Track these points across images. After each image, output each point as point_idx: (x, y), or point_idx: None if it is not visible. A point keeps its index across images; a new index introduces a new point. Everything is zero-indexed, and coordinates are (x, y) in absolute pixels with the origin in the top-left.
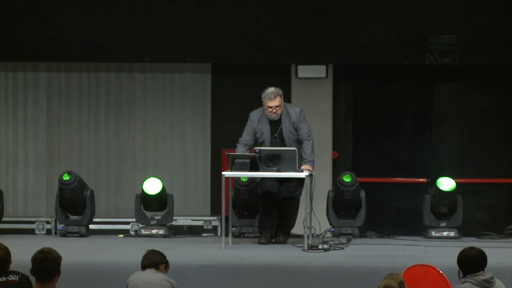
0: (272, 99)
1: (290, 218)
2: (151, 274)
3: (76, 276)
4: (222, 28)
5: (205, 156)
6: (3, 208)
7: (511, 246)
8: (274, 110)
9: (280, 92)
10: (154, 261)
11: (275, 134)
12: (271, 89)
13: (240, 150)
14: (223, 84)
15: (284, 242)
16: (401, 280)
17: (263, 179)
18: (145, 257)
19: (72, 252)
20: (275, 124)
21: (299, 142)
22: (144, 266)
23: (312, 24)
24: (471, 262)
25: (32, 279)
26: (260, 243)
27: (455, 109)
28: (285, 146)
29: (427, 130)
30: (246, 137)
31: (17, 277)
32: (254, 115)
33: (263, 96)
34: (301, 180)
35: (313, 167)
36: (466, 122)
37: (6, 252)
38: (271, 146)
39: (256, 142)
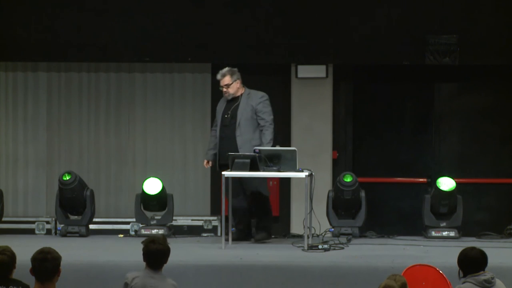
0: (220, 78)
1: (265, 217)
2: (158, 282)
3: (76, 276)
4: (222, 28)
5: None
6: (3, 208)
7: (511, 246)
8: (224, 89)
9: (231, 71)
10: (161, 261)
11: (228, 112)
12: (223, 69)
13: (211, 137)
14: None
15: (267, 238)
16: (403, 282)
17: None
18: (151, 254)
19: (72, 252)
20: (231, 104)
21: (252, 125)
22: (150, 264)
23: (312, 24)
24: (472, 262)
25: (32, 278)
26: (234, 240)
27: (455, 109)
28: (235, 124)
29: (427, 130)
30: (215, 122)
31: None
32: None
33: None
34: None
35: None
36: (466, 122)
37: (11, 258)
38: (222, 124)
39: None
